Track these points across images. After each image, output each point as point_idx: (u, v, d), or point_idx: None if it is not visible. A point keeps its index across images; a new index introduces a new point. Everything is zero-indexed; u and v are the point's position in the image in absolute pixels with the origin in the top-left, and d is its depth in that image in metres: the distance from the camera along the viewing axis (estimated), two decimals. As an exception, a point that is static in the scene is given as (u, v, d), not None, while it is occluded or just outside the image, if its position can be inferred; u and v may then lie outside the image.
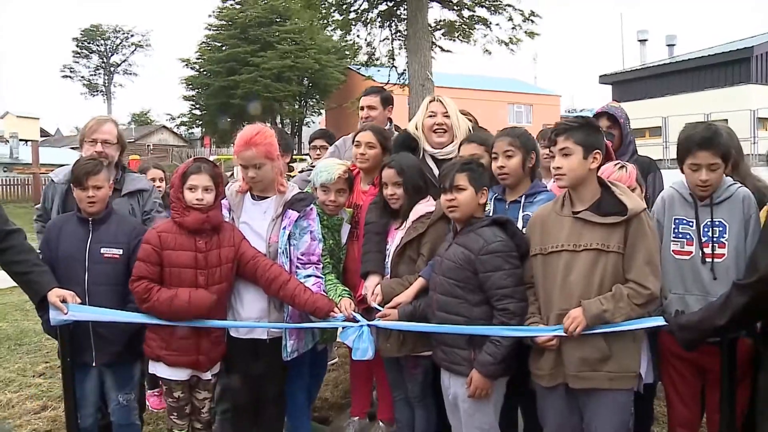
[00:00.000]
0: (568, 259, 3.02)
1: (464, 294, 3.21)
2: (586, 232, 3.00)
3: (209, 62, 44.93)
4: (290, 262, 3.66)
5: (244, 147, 3.59)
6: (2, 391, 5.48)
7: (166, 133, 56.46)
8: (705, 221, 3.22)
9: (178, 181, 3.51)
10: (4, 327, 7.77)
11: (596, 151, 3.03)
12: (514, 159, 3.44)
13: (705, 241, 3.21)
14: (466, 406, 3.28)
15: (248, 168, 3.61)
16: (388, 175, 3.72)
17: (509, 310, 3.10)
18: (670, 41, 33.98)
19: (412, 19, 18.03)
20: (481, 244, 3.15)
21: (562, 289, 3.03)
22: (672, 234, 3.31)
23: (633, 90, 30.15)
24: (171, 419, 3.67)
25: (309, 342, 3.84)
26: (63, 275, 3.48)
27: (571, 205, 3.10)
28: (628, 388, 3.01)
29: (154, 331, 3.51)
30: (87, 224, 3.60)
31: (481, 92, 41.05)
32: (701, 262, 3.21)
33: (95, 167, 3.60)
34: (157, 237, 3.46)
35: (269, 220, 3.68)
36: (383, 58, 22.55)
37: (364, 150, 4.17)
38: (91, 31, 65.27)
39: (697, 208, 3.25)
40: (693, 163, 3.16)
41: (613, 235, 2.95)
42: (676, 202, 3.34)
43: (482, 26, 20.85)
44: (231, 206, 3.73)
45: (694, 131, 3.18)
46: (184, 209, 3.46)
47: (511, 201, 3.53)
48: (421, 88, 16.93)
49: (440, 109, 4.12)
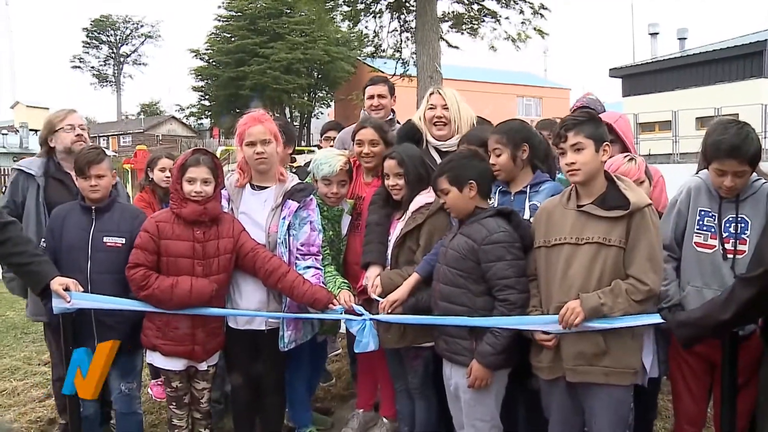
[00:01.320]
0: (569, 252, 3.01)
1: (467, 284, 3.21)
2: (589, 225, 2.98)
3: (218, 53, 44.98)
4: (289, 253, 3.66)
5: (252, 122, 3.62)
6: (8, 379, 5.53)
7: (175, 123, 56.67)
8: (728, 216, 3.16)
9: (176, 172, 3.51)
10: (10, 316, 7.83)
11: (605, 144, 3.02)
12: (503, 156, 3.46)
13: (726, 237, 3.16)
14: (467, 397, 3.29)
15: (256, 144, 3.61)
16: (390, 165, 3.71)
17: (510, 301, 3.10)
18: (682, 35, 33.65)
19: (420, 10, 17.97)
20: (484, 234, 3.15)
21: (561, 282, 3.02)
22: (696, 226, 3.25)
23: (643, 84, 29.92)
24: (170, 409, 3.69)
25: (308, 333, 3.84)
26: (66, 264, 3.49)
27: (577, 198, 3.08)
28: (625, 384, 2.99)
29: (151, 321, 3.52)
30: (90, 213, 3.61)
31: (491, 85, 40.96)
32: (722, 258, 3.16)
33: (97, 156, 3.62)
34: (155, 226, 3.46)
35: (269, 210, 3.68)
36: (390, 50, 22.45)
37: (368, 149, 4.14)
38: (101, 21, 65.47)
39: (721, 203, 3.18)
40: (719, 168, 3.06)
41: (615, 230, 2.92)
42: (703, 194, 3.26)
43: (491, 19, 20.75)
44: (230, 196, 3.73)
45: (723, 136, 3.01)
46: (182, 200, 3.47)
47: (516, 192, 3.53)
48: (429, 81, 16.86)
49: (439, 101, 4.10)
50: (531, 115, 40.32)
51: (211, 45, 46.19)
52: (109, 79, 68.77)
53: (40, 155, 4.17)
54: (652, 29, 34.75)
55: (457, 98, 4.15)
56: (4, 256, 3.40)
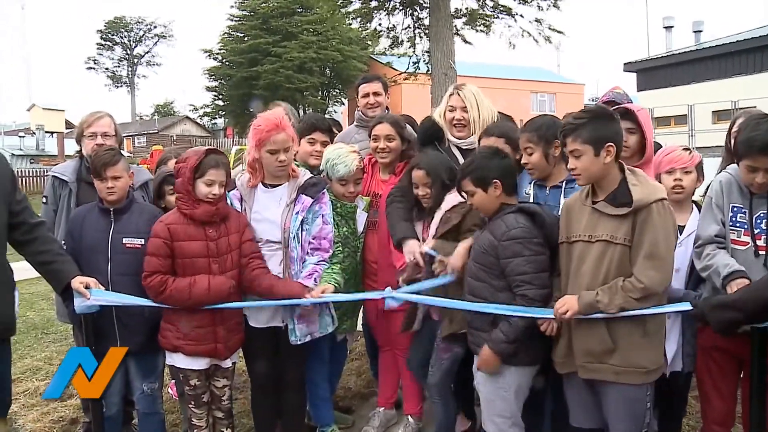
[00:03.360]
0: (582, 250, 3.00)
1: (489, 279, 3.22)
2: (600, 223, 2.96)
3: (232, 53, 45.04)
4: (301, 248, 3.65)
5: (276, 130, 3.55)
6: (30, 379, 5.56)
7: (189, 123, 56.87)
8: (759, 212, 3.12)
9: (189, 173, 3.45)
10: (31, 316, 7.88)
11: (608, 145, 2.91)
12: (535, 154, 3.45)
13: (758, 233, 3.11)
14: (486, 390, 3.31)
15: (279, 152, 3.57)
16: (419, 176, 3.74)
17: (528, 297, 3.09)
18: (697, 27, 33.33)
19: (434, 7, 17.88)
20: (503, 230, 3.15)
21: (573, 279, 3.02)
22: (729, 222, 3.21)
23: (658, 78, 29.63)
24: (189, 408, 3.68)
25: (326, 327, 3.77)
26: (86, 265, 3.50)
27: (592, 195, 3.05)
28: (636, 383, 2.95)
29: (170, 322, 3.52)
30: (109, 215, 3.61)
31: (504, 81, 40.80)
32: (754, 255, 3.12)
33: (113, 158, 3.62)
34: (167, 229, 3.46)
35: (283, 206, 3.67)
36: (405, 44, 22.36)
37: (384, 144, 4.13)
38: (115, 23, 65.78)
39: (752, 199, 3.14)
40: (751, 165, 3.00)
41: (622, 227, 2.89)
42: (734, 190, 3.22)
43: (506, 16, 20.62)
44: (243, 196, 3.72)
45: (756, 133, 2.95)
46: (195, 201, 3.45)
47: (551, 186, 3.52)
48: (443, 77, 16.80)
49: (459, 103, 4.09)
50: (545, 111, 39.96)
51: (224, 45, 46.27)
52: (123, 80, 69.12)
53: (74, 158, 4.26)
54: (667, 22, 34.47)
55: (477, 98, 4.11)
56: (31, 254, 3.42)
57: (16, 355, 5.75)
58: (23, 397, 5.13)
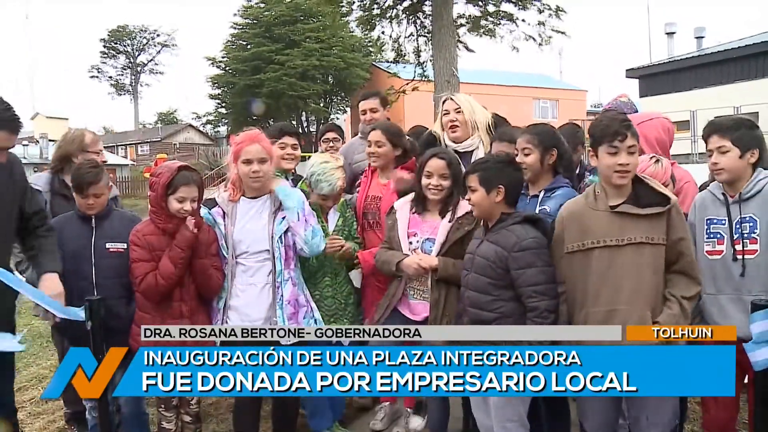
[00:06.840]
0: (610, 255, 3.00)
1: (496, 291, 3.20)
2: (628, 225, 2.98)
3: (234, 61, 45.10)
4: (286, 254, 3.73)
5: (249, 142, 3.69)
6: (36, 388, 5.60)
7: (192, 131, 57.00)
8: (737, 218, 3.18)
9: (162, 189, 3.57)
10: (35, 324, 7.88)
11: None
12: (531, 156, 3.54)
13: (737, 238, 3.16)
14: (496, 398, 3.28)
15: (253, 162, 3.66)
16: (439, 166, 3.72)
17: (540, 309, 3.07)
18: (699, 33, 33.31)
19: (436, 15, 17.92)
20: (514, 241, 3.15)
21: (605, 285, 3.00)
22: (705, 235, 3.28)
23: (660, 84, 29.63)
24: (159, 411, 3.75)
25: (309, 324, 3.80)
26: (71, 272, 3.55)
27: (606, 199, 3.06)
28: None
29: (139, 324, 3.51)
30: (89, 221, 3.75)
31: (507, 88, 40.76)
32: (732, 260, 3.17)
33: (96, 176, 3.72)
34: (144, 240, 3.60)
35: (267, 214, 3.75)
36: (410, 55, 22.46)
37: (374, 149, 4.32)
38: (118, 31, 65.99)
39: (729, 206, 3.21)
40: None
41: (657, 227, 2.94)
42: (708, 204, 3.32)
43: (508, 22, 20.68)
44: (225, 212, 3.78)
45: None
46: (168, 216, 3.58)
47: (532, 195, 3.59)
48: (446, 85, 16.82)
49: (452, 106, 4.41)
50: (547, 118, 40.11)
51: (227, 53, 46.34)
52: (127, 88, 69.28)
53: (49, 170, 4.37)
54: (669, 28, 34.48)
55: (470, 101, 4.43)
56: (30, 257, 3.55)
57: (21, 364, 5.79)
58: (29, 405, 5.17)
